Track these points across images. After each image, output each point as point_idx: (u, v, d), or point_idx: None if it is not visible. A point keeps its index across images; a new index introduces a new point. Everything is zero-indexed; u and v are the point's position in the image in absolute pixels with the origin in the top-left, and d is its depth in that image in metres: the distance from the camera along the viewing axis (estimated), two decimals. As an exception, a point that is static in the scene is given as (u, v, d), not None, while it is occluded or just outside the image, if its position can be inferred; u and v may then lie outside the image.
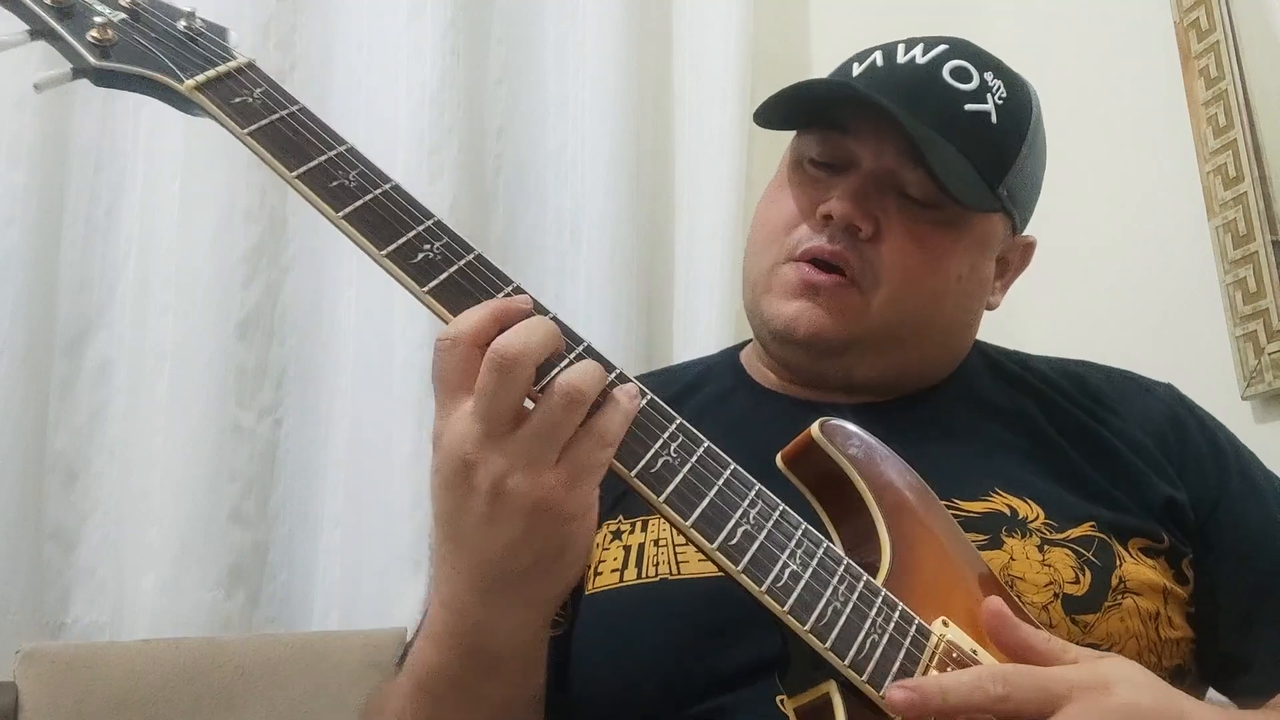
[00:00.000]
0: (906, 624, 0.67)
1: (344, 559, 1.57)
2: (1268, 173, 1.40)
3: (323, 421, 1.63)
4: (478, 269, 0.65)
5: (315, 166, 0.66)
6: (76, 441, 1.54)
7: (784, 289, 0.89)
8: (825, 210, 0.87)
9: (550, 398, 0.59)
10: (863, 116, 0.88)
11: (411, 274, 0.63)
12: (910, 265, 0.88)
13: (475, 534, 0.61)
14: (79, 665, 1.26)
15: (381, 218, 0.65)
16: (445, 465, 0.61)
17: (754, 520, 0.64)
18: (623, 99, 1.75)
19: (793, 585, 0.63)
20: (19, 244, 1.50)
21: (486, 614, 0.66)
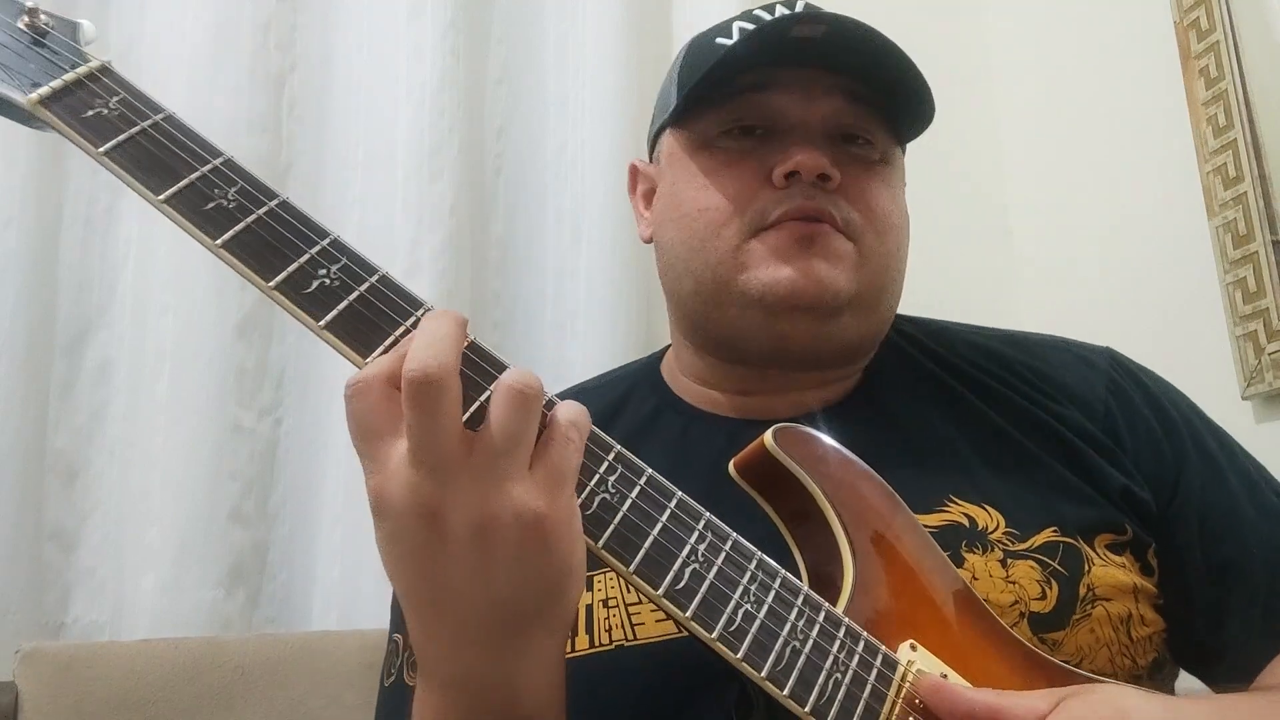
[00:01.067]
0: (871, 657, 0.63)
1: (344, 559, 1.57)
2: (1268, 172, 1.40)
3: (323, 421, 1.62)
4: (381, 293, 0.57)
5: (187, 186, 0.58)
6: (76, 441, 1.54)
7: (769, 255, 0.80)
8: (788, 168, 0.80)
9: (500, 400, 0.53)
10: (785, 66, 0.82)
11: (304, 307, 0.56)
12: (879, 206, 0.84)
13: (470, 586, 0.53)
14: (79, 665, 1.26)
15: (267, 242, 0.56)
16: (404, 526, 0.53)
17: (703, 557, 0.59)
18: (623, 99, 1.75)
19: (746, 627, 0.58)
20: (19, 244, 1.50)
21: (507, 671, 0.57)
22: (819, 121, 0.83)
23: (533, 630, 0.56)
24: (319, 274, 0.56)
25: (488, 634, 0.55)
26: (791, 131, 0.83)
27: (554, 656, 0.59)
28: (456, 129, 1.66)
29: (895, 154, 0.89)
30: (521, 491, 0.53)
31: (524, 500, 0.53)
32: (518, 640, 0.56)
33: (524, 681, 0.57)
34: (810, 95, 0.83)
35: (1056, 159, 1.79)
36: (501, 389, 0.53)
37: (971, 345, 0.92)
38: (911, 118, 0.86)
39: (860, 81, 0.83)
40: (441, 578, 0.54)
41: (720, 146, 0.85)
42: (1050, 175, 1.81)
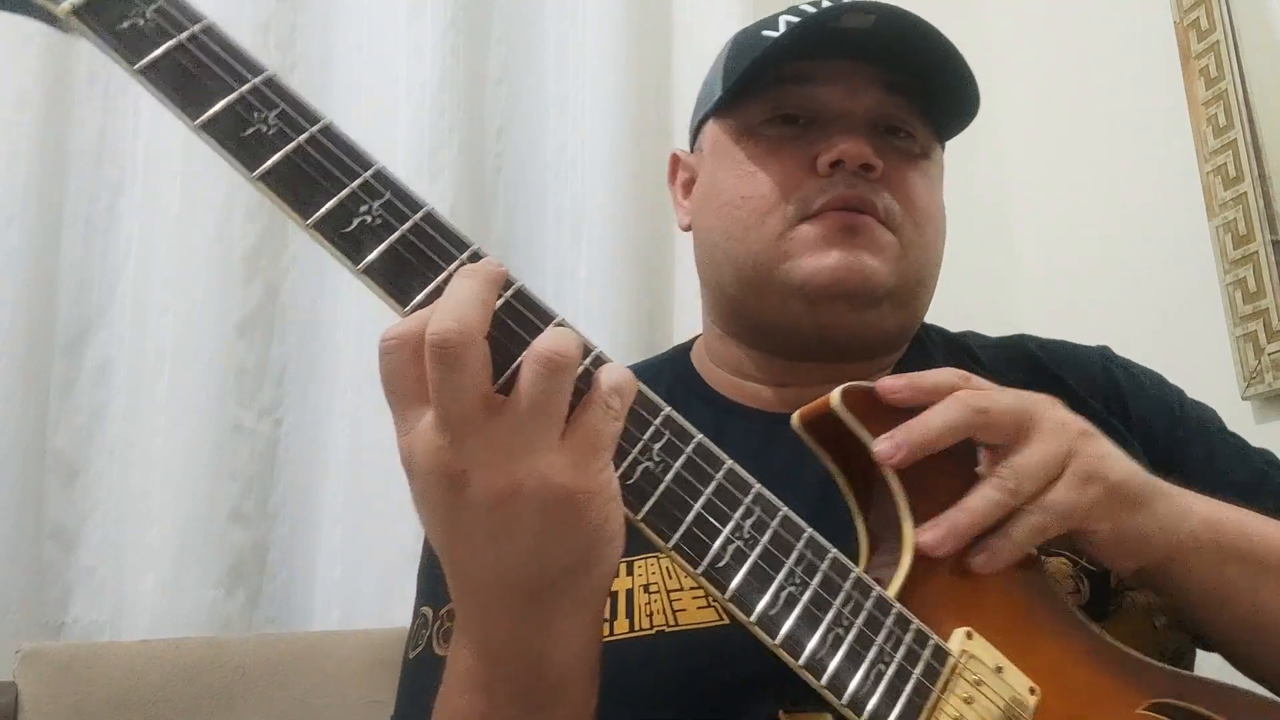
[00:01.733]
0: (919, 647, 0.60)
1: (344, 558, 1.57)
2: (1268, 173, 1.41)
3: (323, 421, 1.62)
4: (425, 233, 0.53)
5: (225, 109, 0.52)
6: (76, 441, 1.54)
7: (812, 244, 0.80)
8: (832, 156, 0.80)
9: (530, 365, 0.50)
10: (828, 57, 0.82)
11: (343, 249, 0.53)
12: (920, 198, 0.84)
13: (491, 554, 0.52)
14: (79, 665, 1.26)
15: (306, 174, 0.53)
16: (429, 488, 0.52)
17: (748, 534, 0.56)
18: (623, 99, 1.75)
19: (787, 612, 0.56)
20: (19, 244, 1.49)
21: (534, 639, 0.55)
22: (862, 113, 0.83)
23: (558, 602, 0.54)
24: (360, 211, 0.52)
25: (510, 602, 0.54)
26: (834, 121, 0.83)
27: (583, 629, 0.57)
28: (456, 129, 1.66)
29: (935, 149, 0.89)
30: (548, 463, 0.50)
31: (550, 472, 0.50)
32: (541, 610, 0.54)
33: (550, 652, 0.56)
34: (853, 87, 0.83)
35: (1056, 159, 1.79)
36: (531, 355, 0.51)
37: (983, 346, 0.95)
38: (954, 112, 0.87)
39: (904, 73, 0.83)
40: (464, 543, 0.53)
41: (763, 134, 0.85)
42: (1050, 175, 1.81)
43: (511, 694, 0.57)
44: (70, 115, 1.58)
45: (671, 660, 0.72)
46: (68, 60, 1.58)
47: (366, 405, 1.61)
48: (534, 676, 0.57)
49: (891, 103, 0.84)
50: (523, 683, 0.57)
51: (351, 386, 1.62)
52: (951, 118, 0.88)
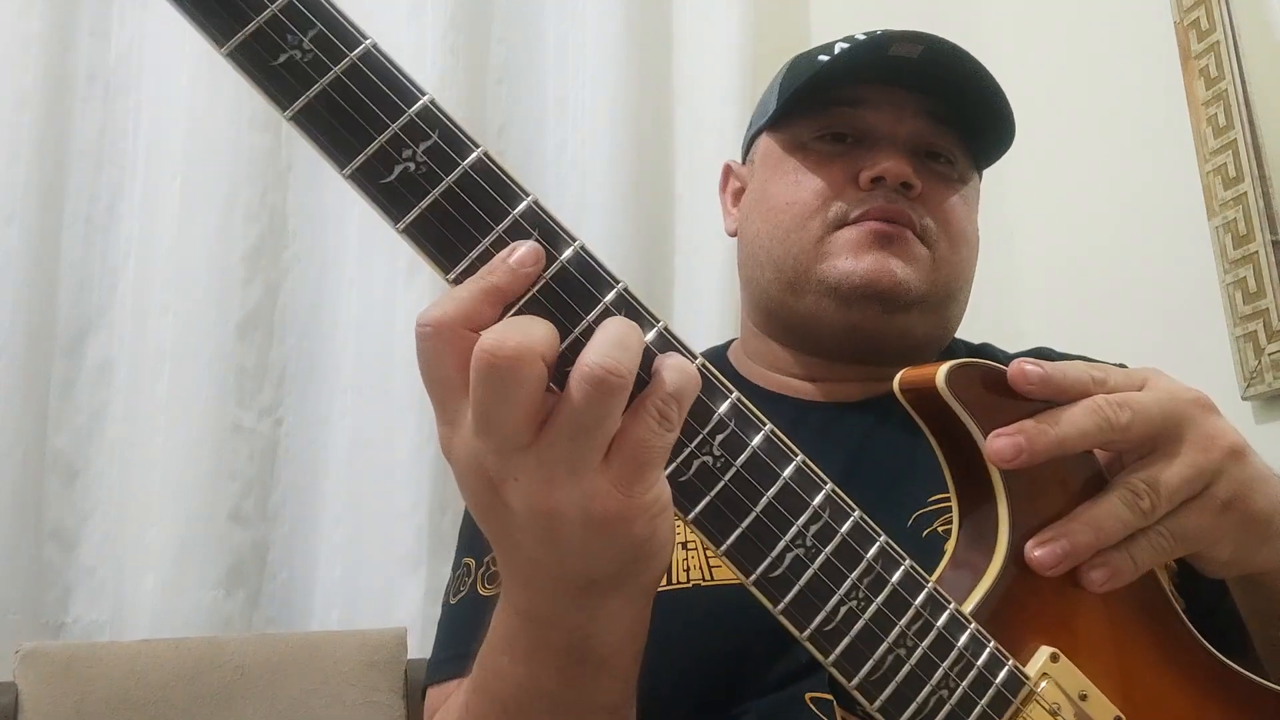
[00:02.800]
0: (991, 674, 0.55)
1: (344, 559, 1.57)
2: (1268, 173, 1.40)
3: (323, 421, 1.63)
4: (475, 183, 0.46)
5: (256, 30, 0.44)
6: (76, 441, 1.54)
7: (849, 247, 0.85)
8: (875, 172, 0.85)
9: (576, 390, 0.45)
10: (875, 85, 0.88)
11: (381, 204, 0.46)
12: (956, 219, 0.89)
13: (535, 554, 0.50)
14: (79, 665, 1.26)
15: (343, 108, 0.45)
16: (469, 484, 0.49)
17: (810, 543, 0.52)
18: (623, 99, 1.75)
19: (845, 629, 0.52)
20: (19, 244, 1.50)
21: (580, 618, 0.53)
22: (905, 137, 0.88)
23: (606, 596, 0.52)
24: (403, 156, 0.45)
25: (557, 590, 0.52)
26: (879, 143, 0.87)
27: (631, 616, 0.55)
28: (457, 129, 1.66)
29: (973, 177, 0.94)
30: (590, 485, 0.47)
31: (591, 495, 0.47)
32: (589, 600, 0.52)
33: (600, 630, 0.54)
34: (898, 113, 0.88)
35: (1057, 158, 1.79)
36: (580, 372, 0.45)
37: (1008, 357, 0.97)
38: (992, 142, 0.92)
39: (946, 104, 0.88)
40: (507, 539, 0.51)
41: (812, 149, 0.90)
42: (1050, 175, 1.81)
43: (554, 663, 0.55)
44: (70, 115, 1.58)
45: (703, 612, 0.75)
46: (68, 60, 1.59)
47: (366, 405, 1.61)
48: (579, 653, 0.55)
49: (933, 130, 0.89)
50: (567, 654, 0.55)
51: (351, 386, 1.62)
52: (989, 147, 0.93)
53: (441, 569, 1.54)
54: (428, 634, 1.50)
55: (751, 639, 0.73)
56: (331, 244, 1.66)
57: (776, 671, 0.72)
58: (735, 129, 1.77)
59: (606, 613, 0.53)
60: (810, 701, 0.66)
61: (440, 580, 1.53)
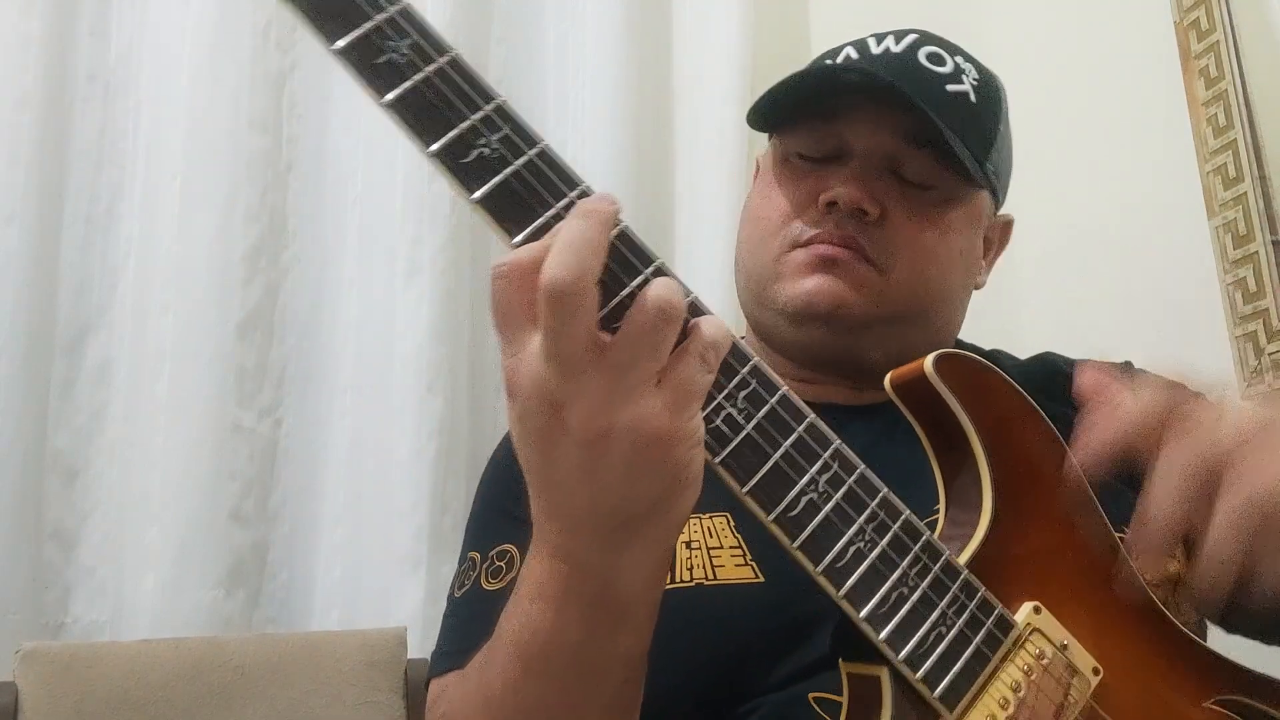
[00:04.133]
0: (983, 615, 0.61)
1: (344, 559, 1.57)
2: (1268, 173, 1.40)
3: (323, 421, 1.63)
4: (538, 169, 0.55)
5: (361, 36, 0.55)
6: (76, 441, 1.54)
7: (797, 270, 0.88)
8: (829, 197, 0.86)
9: (640, 315, 0.52)
10: (855, 103, 0.88)
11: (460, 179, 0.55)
12: (919, 243, 0.89)
13: (580, 482, 0.54)
14: (79, 665, 1.26)
15: (431, 105, 0.55)
16: (529, 412, 0.54)
17: (822, 488, 0.58)
18: (623, 99, 1.75)
19: (854, 566, 0.57)
20: (19, 244, 1.50)
21: (606, 562, 0.57)
22: (878, 155, 0.88)
23: (639, 532, 0.56)
24: (479, 143, 0.55)
25: (594, 527, 0.56)
26: (850, 160, 0.88)
27: (654, 560, 0.59)
28: (457, 129, 1.66)
29: (967, 194, 0.92)
30: (644, 406, 0.53)
31: (644, 415, 0.52)
32: (621, 536, 0.56)
33: (624, 575, 0.58)
34: (873, 130, 0.88)
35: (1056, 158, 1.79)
36: (642, 304, 0.52)
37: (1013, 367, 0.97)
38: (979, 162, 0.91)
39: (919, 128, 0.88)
40: (556, 468, 0.55)
41: (791, 164, 0.92)
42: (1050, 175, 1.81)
43: (580, 609, 0.59)
44: (70, 115, 1.58)
45: (706, 610, 0.75)
46: (68, 60, 1.59)
47: (366, 405, 1.61)
48: (604, 597, 0.58)
49: (905, 150, 0.88)
50: (592, 599, 0.59)
51: (351, 386, 1.62)
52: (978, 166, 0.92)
53: (441, 569, 1.54)
54: (428, 634, 1.50)
55: (755, 638, 0.73)
56: (331, 244, 1.66)
57: (780, 671, 0.73)
58: (735, 129, 1.77)
59: (632, 557, 0.57)
60: (814, 701, 0.66)
61: (440, 580, 1.53)
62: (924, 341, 0.91)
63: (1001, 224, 1.01)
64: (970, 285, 0.97)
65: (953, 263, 0.92)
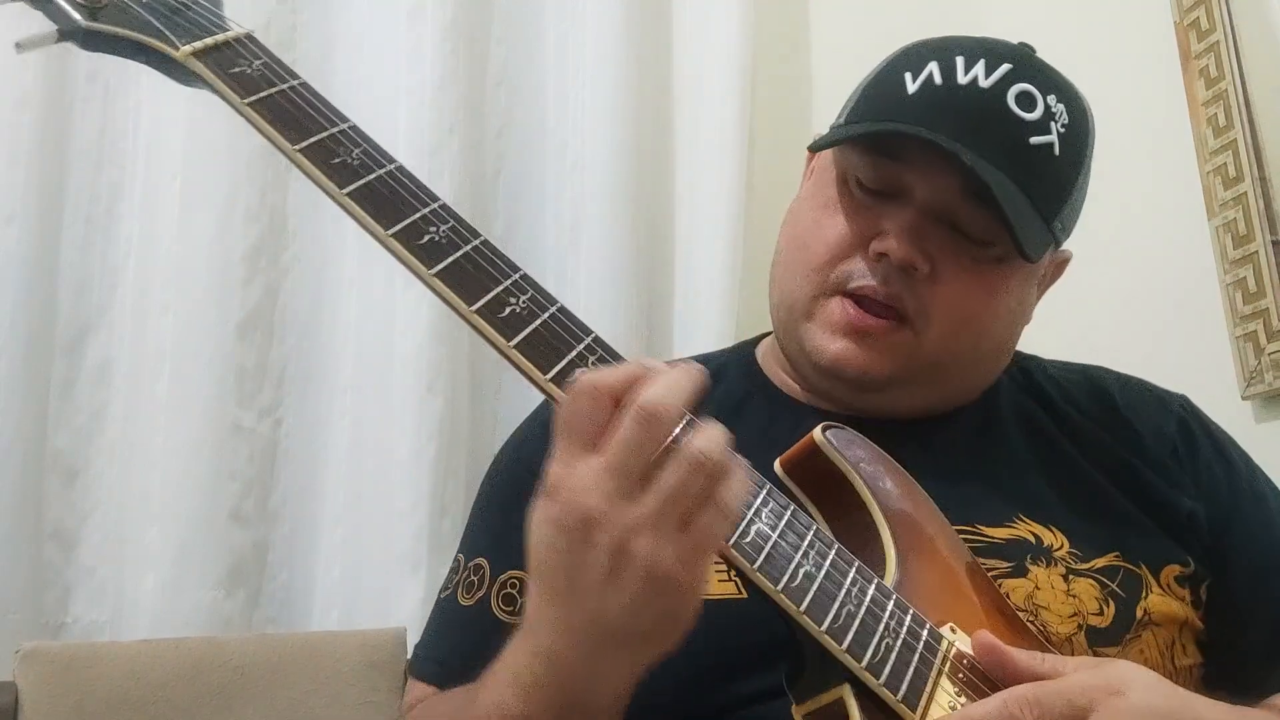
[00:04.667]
0: (919, 628, 0.66)
1: (344, 559, 1.57)
2: (1268, 173, 1.40)
3: (323, 421, 1.63)
4: (484, 254, 0.64)
5: (317, 142, 0.65)
6: (76, 441, 1.54)
7: (830, 324, 0.86)
8: (880, 249, 0.83)
9: (684, 460, 0.58)
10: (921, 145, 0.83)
11: (418, 256, 0.63)
12: (965, 304, 0.85)
13: (593, 593, 0.58)
14: (79, 665, 1.26)
15: (386, 197, 0.65)
16: (566, 517, 0.58)
17: (766, 518, 0.62)
18: (623, 99, 1.75)
19: (807, 586, 0.61)
20: (19, 244, 1.50)
21: (589, 670, 0.61)
22: (940, 208, 0.84)
23: (625, 648, 0.61)
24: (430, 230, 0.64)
25: (589, 634, 0.60)
26: (910, 204, 0.84)
27: (633, 673, 0.63)
28: (456, 129, 1.66)
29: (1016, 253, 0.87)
30: (662, 549, 0.57)
31: (661, 556, 0.57)
32: (609, 648, 0.60)
33: (599, 684, 0.62)
34: (936, 183, 0.83)
35: (1056, 159, 1.79)
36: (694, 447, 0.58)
37: (1056, 382, 0.96)
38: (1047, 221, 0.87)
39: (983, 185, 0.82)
40: (572, 574, 0.58)
41: (849, 192, 0.88)
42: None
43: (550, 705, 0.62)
44: (70, 115, 1.58)
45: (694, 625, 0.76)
46: (68, 60, 1.59)
47: (366, 405, 1.61)
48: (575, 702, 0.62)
49: (966, 209, 0.83)
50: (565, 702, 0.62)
51: (351, 387, 1.62)
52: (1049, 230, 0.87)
53: (441, 569, 1.54)
54: (427, 634, 1.51)
55: (740, 653, 0.75)
56: (331, 244, 1.66)
57: (764, 685, 0.73)
58: (735, 129, 1.77)
59: (613, 668, 0.61)
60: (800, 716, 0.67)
61: (439, 581, 1.53)
62: (958, 390, 0.91)
63: (1057, 262, 0.96)
64: (1018, 334, 0.94)
65: (996, 320, 0.89)
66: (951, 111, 0.83)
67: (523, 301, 0.63)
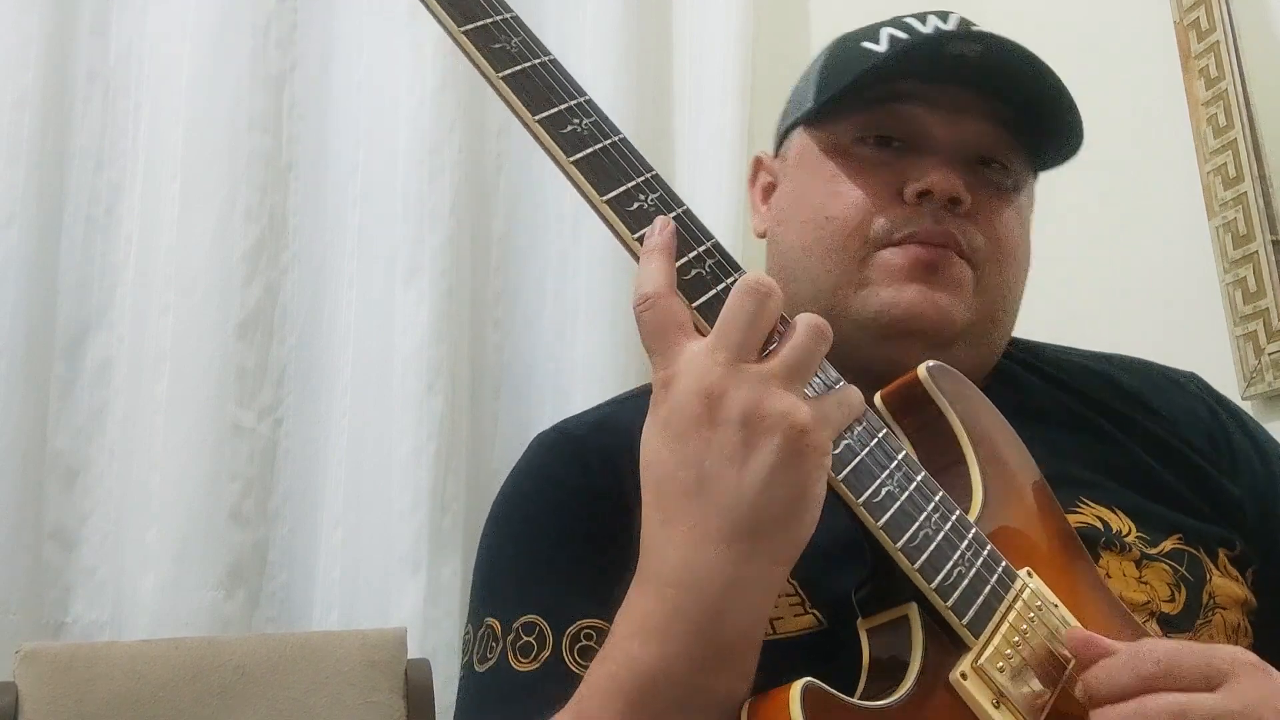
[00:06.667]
0: (994, 563, 0.65)
1: (344, 559, 1.57)
2: (1268, 173, 1.40)
3: (323, 421, 1.63)
4: (685, 223, 0.69)
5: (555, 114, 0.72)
6: (76, 441, 1.54)
7: (891, 275, 0.79)
8: (921, 187, 0.78)
9: (801, 330, 0.60)
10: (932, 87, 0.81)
11: (625, 222, 0.67)
12: (1006, 235, 0.82)
13: (728, 476, 0.57)
14: (79, 665, 1.26)
15: (604, 163, 0.71)
16: (685, 405, 0.57)
17: (858, 436, 0.63)
18: (623, 99, 1.75)
19: (888, 504, 0.62)
20: (19, 244, 1.50)
21: (728, 579, 0.57)
22: (958, 143, 0.81)
23: (761, 545, 0.58)
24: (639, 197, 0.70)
25: (727, 531, 0.57)
26: (929, 148, 0.81)
27: (768, 584, 0.59)
28: (456, 129, 1.66)
29: (1028, 181, 0.87)
30: (796, 404, 0.57)
31: (797, 409, 0.57)
32: (745, 546, 0.57)
33: (736, 600, 0.58)
34: (955, 114, 0.81)
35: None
36: (806, 318, 0.60)
37: (1080, 367, 0.92)
38: (1055, 148, 0.85)
39: (1009, 108, 0.81)
40: (701, 463, 0.57)
41: (855, 154, 0.83)
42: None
43: (687, 644, 0.57)
44: (70, 115, 1.58)
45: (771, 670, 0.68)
46: (68, 60, 1.59)
47: (366, 405, 1.61)
48: (712, 629, 0.58)
49: (991, 135, 0.82)
50: (700, 631, 0.57)
51: (351, 386, 1.62)
52: (1051, 154, 0.86)
53: (442, 569, 1.54)
54: (428, 634, 1.51)
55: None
56: (331, 244, 1.66)
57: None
58: (735, 129, 1.77)
59: (754, 570, 0.58)
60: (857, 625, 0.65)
61: (440, 581, 1.53)
62: (996, 348, 0.86)
63: None
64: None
65: (1026, 259, 0.86)
66: (935, 48, 0.81)
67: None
